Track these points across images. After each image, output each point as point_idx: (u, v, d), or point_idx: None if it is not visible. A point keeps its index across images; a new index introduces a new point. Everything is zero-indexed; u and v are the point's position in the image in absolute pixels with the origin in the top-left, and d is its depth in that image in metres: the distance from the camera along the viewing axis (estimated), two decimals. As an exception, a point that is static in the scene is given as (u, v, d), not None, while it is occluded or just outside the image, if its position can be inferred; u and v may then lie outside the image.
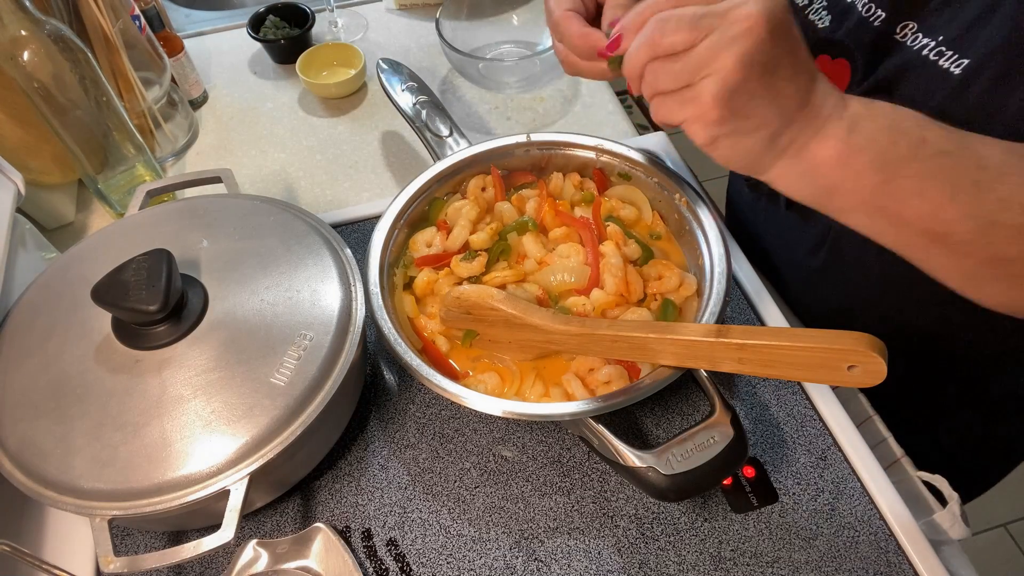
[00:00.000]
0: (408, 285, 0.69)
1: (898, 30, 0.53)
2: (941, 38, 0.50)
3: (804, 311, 0.75)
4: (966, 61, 0.48)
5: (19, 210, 0.68)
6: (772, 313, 0.72)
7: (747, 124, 0.41)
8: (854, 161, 0.41)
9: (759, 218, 0.68)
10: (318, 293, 0.58)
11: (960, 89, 0.49)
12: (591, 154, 0.74)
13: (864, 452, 0.63)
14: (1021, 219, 0.38)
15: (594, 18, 0.56)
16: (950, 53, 0.49)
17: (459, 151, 0.74)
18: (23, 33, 0.67)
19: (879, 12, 0.55)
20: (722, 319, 0.61)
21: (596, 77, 0.55)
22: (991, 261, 0.41)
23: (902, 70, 0.52)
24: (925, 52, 0.51)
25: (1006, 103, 0.47)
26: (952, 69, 0.49)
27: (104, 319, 0.55)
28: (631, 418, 0.66)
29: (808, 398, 0.67)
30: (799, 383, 0.68)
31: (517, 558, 0.58)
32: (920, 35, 0.51)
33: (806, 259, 0.74)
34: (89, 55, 0.72)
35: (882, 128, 0.41)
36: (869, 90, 0.54)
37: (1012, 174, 0.39)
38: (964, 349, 0.68)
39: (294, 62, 0.99)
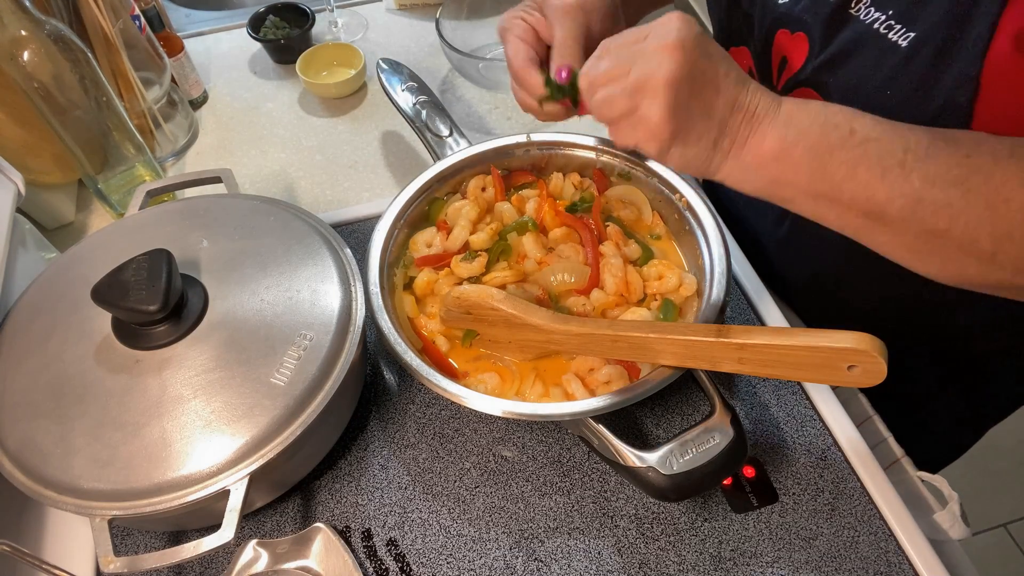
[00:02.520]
0: (408, 285, 0.69)
1: (852, 4, 0.55)
2: (891, 12, 0.52)
3: (779, 281, 0.76)
4: (912, 34, 0.51)
5: (19, 210, 0.68)
6: (772, 313, 0.72)
7: (690, 136, 0.48)
8: (790, 153, 0.46)
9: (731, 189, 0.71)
10: (318, 293, 0.58)
11: (906, 61, 0.51)
12: (591, 154, 0.74)
13: (864, 452, 0.63)
14: (944, 194, 0.42)
15: (545, 61, 0.63)
16: (898, 26, 0.52)
17: (459, 151, 0.74)
18: (23, 33, 0.67)
19: None
20: (722, 319, 0.61)
21: (550, 119, 0.63)
22: (925, 235, 0.44)
23: (855, 43, 0.54)
24: (876, 25, 0.53)
25: (946, 74, 0.49)
26: (900, 42, 0.51)
27: (104, 319, 0.55)
28: (631, 418, 0.66)
29: (808, 398, 0.67)
30: (799, 383, 0.68)
31: (517, 558, 0.58)
32: (872, 9, 0.54)
33: (773, 230, 0.77)
34: (89, 55, 0.72)
35: (814, 123, 0.45)
36: (825, 63, 0.57)
37: (936, 155, 0.43)
38: (937, 314, 0.69)
39: (294, 62, 0.99)
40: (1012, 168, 0.41)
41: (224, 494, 0.50)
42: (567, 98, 0.60)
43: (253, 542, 0.57)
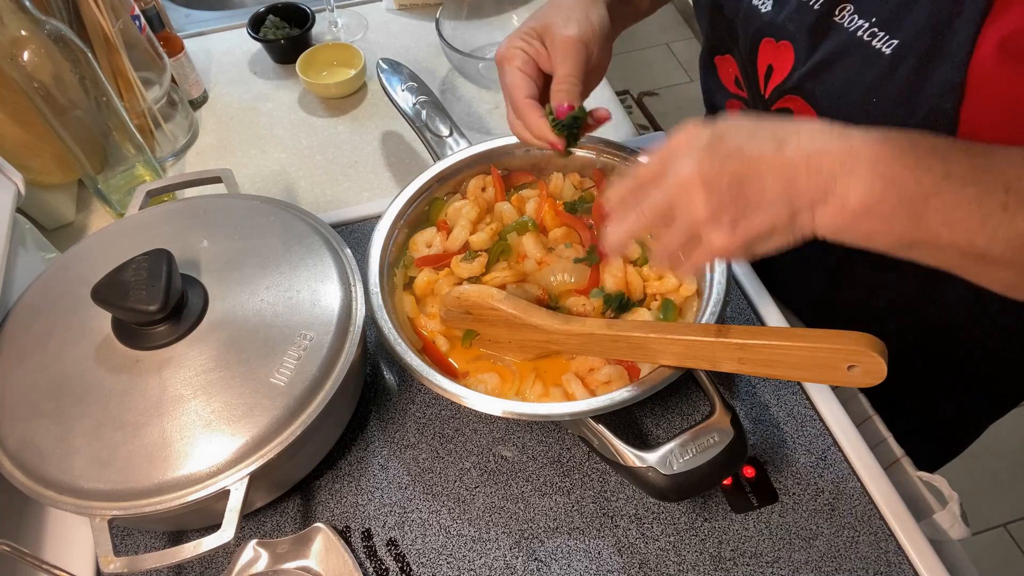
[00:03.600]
0: (408, 285, 0.69)
1: (836, 12, 0.55)
2: (874, 19, 0.52)
3: (778, 281, 0.75)
4: (896, 41, 0.50)
5: (19, 210, 0.68)
6: (772, 313, 0.72)
7: (761, 230, 0.43)
8: (881, 208, 0.41)
9: None
10: (318, 293, 0.58)
11: (890, 69, 0.51)
12: (591, 154, 0.74)
13: (864, 452, 0.63)
14: None
15: (544, 94, 0.62)
16: (882, 34, 0.51)
17: (459, 151, 0.74)
18: (23, 33, 0.67)
19: None
20: (722, 319, 0.61)
21: (544, 149, 0.62)
22: None
23: (839, 51, 0.54)
24: (860, 33, 0.53)
25: (930, 81, 0.49)
26: (883, 49, 0.51)
27: (104, 319, 0.55)
28: (631, 418, 0.66)
29: (808, 398, 0.67)
30: (799, 383, 0.68)
31: (517, 558, 0.58)
32: (856, 16, 0.53)
33: None
34: (89, 55, 0.72)
35: (905, 167, 0.41)
36: (810, 71, 0.56)
37: None
38: (936, 314, 0.68)
39: (294, 62, 0.99)
40: None
41: (224, 494, 0.50)
42: (563, 137, 0.60)
43: (253, 542, 0.57)
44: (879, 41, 0.51)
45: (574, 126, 0.60)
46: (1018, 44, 0.44)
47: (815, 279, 0.74)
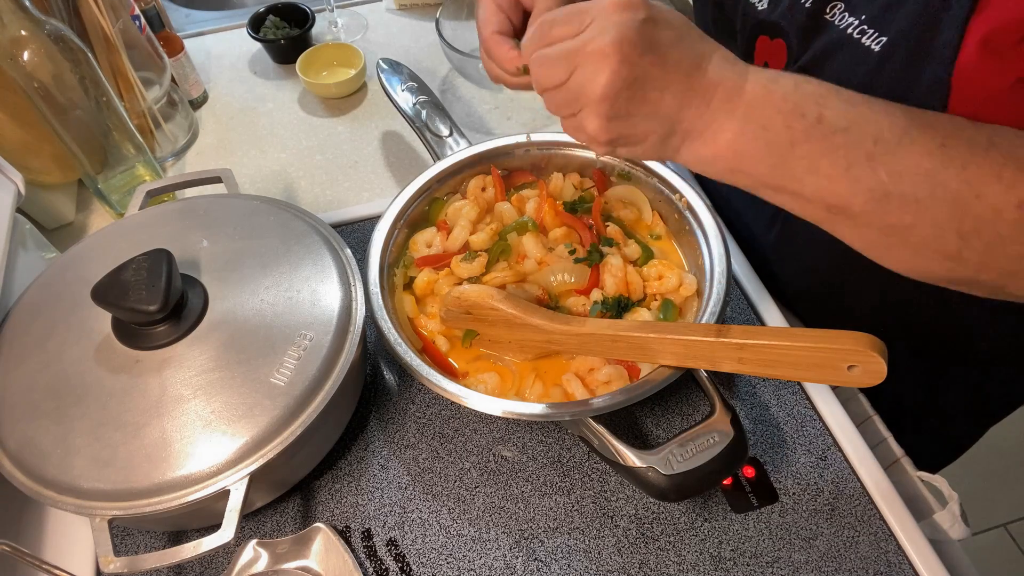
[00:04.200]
0: (408, 285, 0.69)
1: (827, 10, 0.55)
2: (864, 16, 0.52)
3: (776, 282, 0.76)
4: (884, 39, 0.50)
5: (19, 210, 0.68)
6: (772, 313, 0.72)
7: (632, 138, 0.45)
8: (747, 148, 0.43)
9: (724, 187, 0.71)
10: (318, 293, 0.58)
11: (879, 65, 0.51)
12: (591, 154, 0.74)
13: (864, 452, 0.63)
14: (913, 189, 0.40)
15: (519, 30, 0.60)
16: (871, 31, 0.51)
17: (459, 151, 0.74)
18: (23, 33, 0.67)
19: None
20: (722, 319, 0.61)
21: (521, 88, 0.59)
22: (890, 230, 0.42)
23: (830, 48, 0.54)
24: (850, 31, 0.53)
25: (918, 79, 0.49)
26: (872, 47, 0.51)
27: (104, 319, 0.55)
28: (631, 418, 0.66)
29: (808, 398, 0.67)
30: (799, 383, 0.68)
31: (517, 558, 0.58)
32: (846, 14, 0.53)
33: (766, 232, 0.76)
34: (89, 55, 0.72)
35: (778, 112, 0.42)
36: (802, 68, 0.56)
37: (908, 144, 0.40)
38: (935, 314, 0.68)
39: (294, 62, 0.99)
40: (988, 160, 0.39)
41: (224, 494, 0.50)
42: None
43: (253, 542, 0.57)
44: (868, 39, 0.51)
45: None
46: (1000, 40, 0.44)
47: (815, 279, 0.74)
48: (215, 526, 0.49)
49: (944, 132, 0.40)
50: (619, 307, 0.64)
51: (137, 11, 0.85)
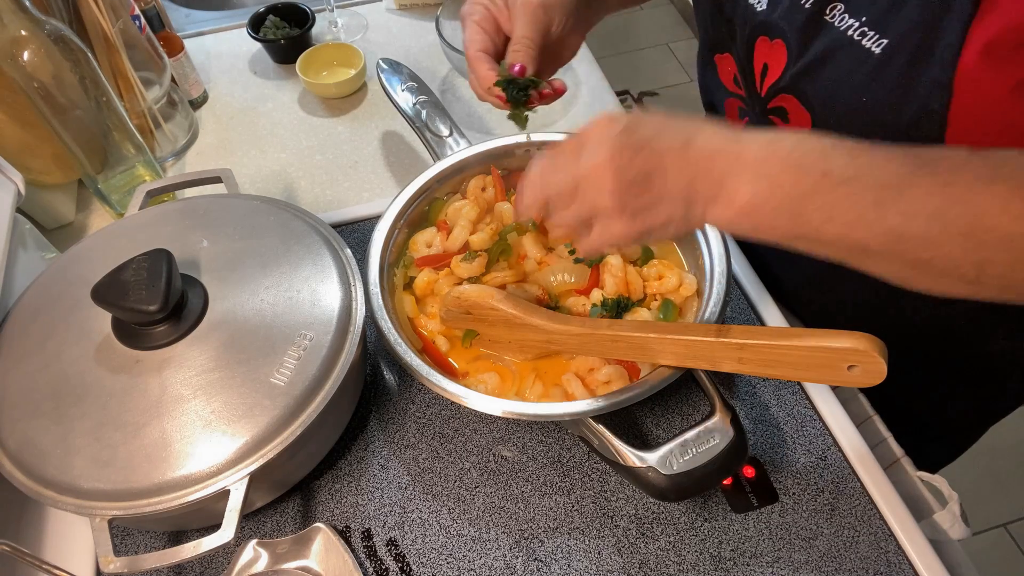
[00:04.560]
0: (408, 285, 0.69)
1: (827, 11, 0.55)
2: (864, 18, 0.52)
3: (776, 282, 0.76)
4: (885, 41, 0.51)
5: (19, 210, 0.68)
6: (772, 313, 0.72)
7: (657, 223, 0.47)
8: (764, 207, 0.44)
9: None
10: (318, 293, 0.58)
11: (880, 68, 0.51)
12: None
13: (864, 452, 0.63)
14: (924, 228, 0.41)
15: (501, 51, 0.64)
16: (872, 33, 0.52)
17: (459, 151, 0.74)
18: (23, 33, 0.67)
19: None
20: (722, 319, 0.61)
21: (495, 105, 0.63)
22: (911, 264, 0.43)
23: (830, 50, 0.54)
24: (850, 32, 0.53)
25: (919, 81, 0.49)
26: (873, 48, 0.51)
27: (104, 319, 0.55)
28: (631, 418, 0.66)
29: (808, 398, 0.67)
30: (799, 383, 0.68)
31: (517, 558, 0.58)
32: (846, 15, 0.54)
33: None
34: (89, 55, 0.72)
35: (785, 168, 0.43)
36: (802, 70, 0.57)
37: (913, 187, 0.41)
38: (934, 315, 0.69)
39: (294, 62, 0.99)
40: (992, 194, 0.40)
41: (224, 494, 0.50)
42: (514, 98, 0.62)
43: (253, 542, 0.57)
44: (869, 40, 0.52)
45: (522, 86, 0.61)
46: (1002, 44, 0.45)
47: (815, 279, 0.74)
48: (215, 526, 0.49)
49: (946, 171, 0.41)
50: (619, 307, 0.64)
51: (137, 11, 0.85)
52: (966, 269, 0.42)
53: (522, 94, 0.62)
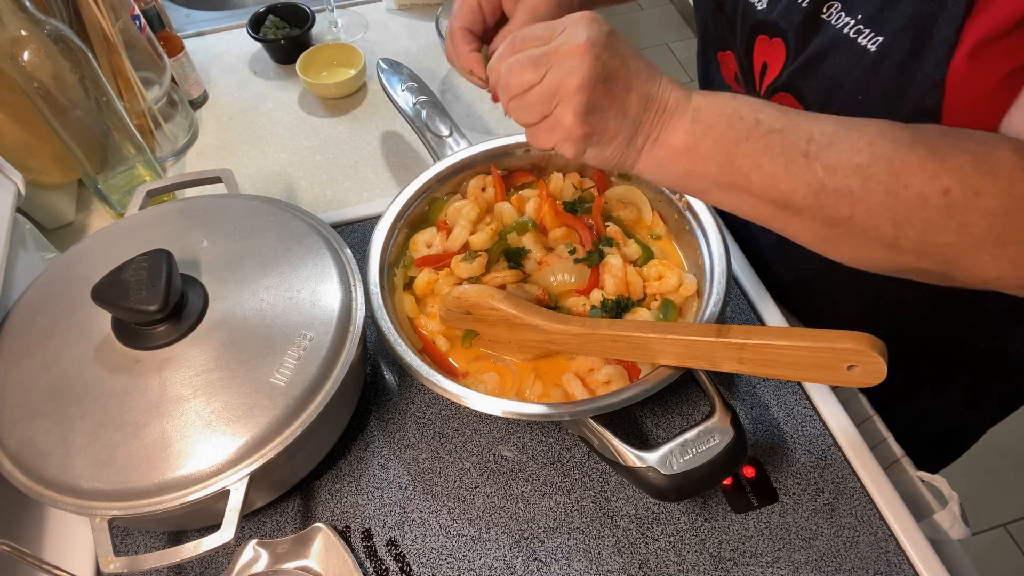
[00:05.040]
0: (408, 285, 0.69)
1: (824, 9, 0.55)
2: (860, 16, 0.53)
3: (776, 282, 0.76)
4: (881, 39, 0.51)
5: (19, 210, 0.68)
6: (772, 313, 0.72)
7: (605, 136, 0.48)
8: (698, 146, 0.46)
9: None
10: (318, 293, 0.58)
11: (875, 66, 0.51)
12: (591, 154, 0.74)
13: (864, 452, 0.63)
14: (846, 182, 0.43)
15: (491, 32, 0.62)
16: (867, 31, 0.52)
17: (459, 151, 0.74)
18: (23, 33, 0.67)
19: None
20: (722, 319, 0.61)
21: (474, 83, 0.62)
22: (830, 222, 0.45)
23: (827, 48, 0.55)
24: (846, 30, 0.53)
25: (914, 79, 0.49)
26: (869, 46, 0.52)
27: (104, 319, 0.55)
28: (631, 418, 0.66)
29: (808, 398, 0.67)
30: (799, 383, 0.68)
31: (517, 558, 0.58)
32: (843, 14, 0.54)
33: (763, 232, 0.76)
34: (89, 55, 0.72)
35: (720, 115, 0.46)
36: (800, 68, 0.57)
37: (838, 143, 0.44)
38: (933, 316, 0.69)
39: (294, 62, 0.99)
40: (913, 154, 0.42)
41: (224, 494, 0.50)
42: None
43: (253, 542, 0.57)
44: (864, 38, 0.52)
45: None
46: (993, 39, 0.45)
47: (815, 279, 0.74)
48: (215, 526, 0.49)
49: (872, 133, 0.44)
50: (619, 307, 0.64)
51: (137, 11, 0.85)
52: (884, 228, 0.43)
53: None
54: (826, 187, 0.43)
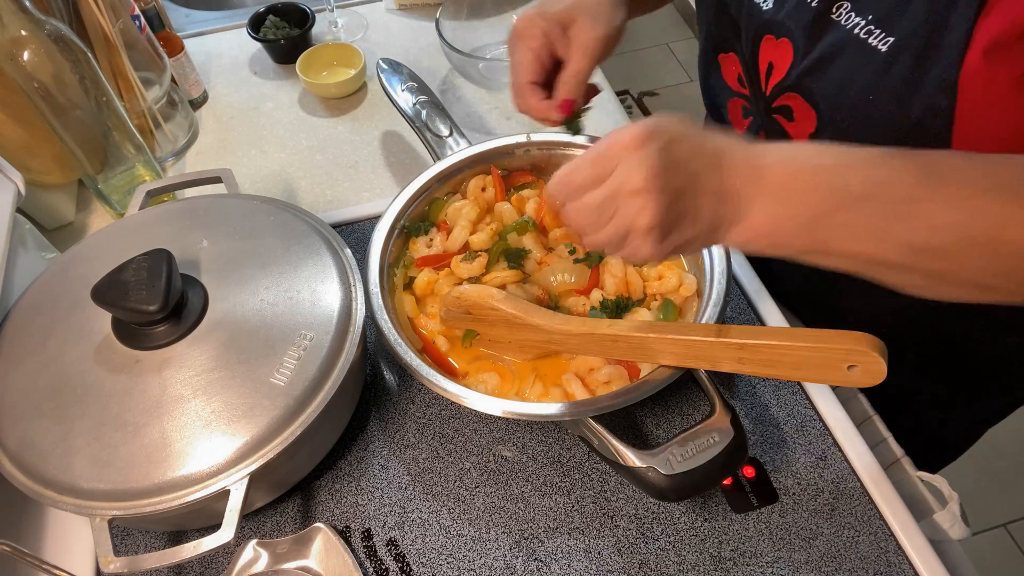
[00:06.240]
0: (408, 285, 0.69)
1: (834, 9, 0.55)
2: (870, 16, 0.52)
3: (777, 283, 0.76)
4: (892, 39, 0.51)
5: (19, 210, 0.68)
6: (772, 313, 0.72)
7: (684, 242, 0.47)
8: (785, 226, 0.45)
9: None
10: (318, 293, 0.58)
11: (886, 66, 0.51)
12: (591, 154, 0.74)
13: (864, 452, 0.63)
14: (945, 242, 0.41)
15: (551, 75, 0.64)
16: (878, 31, 0.52)
17: (459, 151, 0.74)
18: (23, 33, 0.67)
19: None
20: (722, 319, 0.61)
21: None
22: (929, 274, 0.44)
23: (836, 48, 0.54)
24: (856, 31, 0.53)
25: (925, 79, 0.49)
26: (879, 47, 0.51)
27: (104, 319, 0.55)
28: (631, 418, 0.66)
29: (808, 398, 0.67)
30: (799, 383, 0.68)
31: (517, 558, 0.58)
32: (853, 14, 0.54)
33: None
34: (89, 55, 0.72)
35: (805, 189, 0.44)
36: (808, 68, 0.57)
37: (928, 200, 0.42)
38: (934, 317, 0.69)
39: (294, 62, 0.99)
40: (1002, 203, 0.40)
41: (224, 494, 0.50)
42: (572, 126, 0.65)
43: (253, 542, 0.57)
44: (875, 39, 0.52)
45: (576, 116, 0.64)
46: (1007, 39, 0.45)
47: (815, 279, 0.74)
48: (215, 526, 0.49)
49: (969, 185, 0.42)
50: (619, 307, 0.64)
51: (137, 11, 0.85)
52: (988, 279, 0.42)
53: (576, 118, 0.64)
54: (924, 248, 0.42)
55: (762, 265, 0.77)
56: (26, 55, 0.67)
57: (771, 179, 0.44)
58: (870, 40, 0.52)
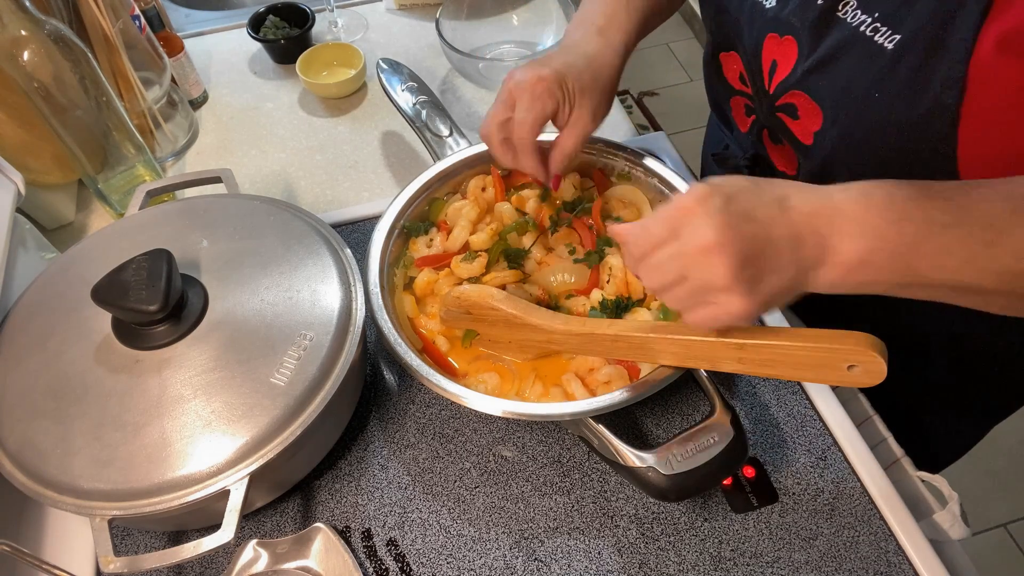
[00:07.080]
0: (408, 285, 0.69)
1: (839, 7, 0.55)
2: (877, 14, 0.52)
3: None
4: (898, 36, 0.51)
5: (19, 210, 0.68)
6: (772, 313, 0.72)
7: (774, 293, 0.45)
8: (872, 260, 0.44)
9: None
10: (318, 293, 0.58)
11: (892, 63, 0.51)
12: (592, 154, 0.74)
13: (864, 452, 0.63)
14: None
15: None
16: (884, 29, 0.52)
17: (459, 151, 0.74)
18: (23, 33, 0.67)
19: None
20: (722, 319, 0.61)
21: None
22: (1020, 297, 0.44)
23: (842, 46, 0.54)
24: (862, 28, 0.53)
25: (932, 76, 0.49)
26: (886, 44, 0.51)
27: (104, 319, 0.55)
28: (631, 418, 0.66)
29: (808, 398, 0.67)
30: (799, 383, 0.68)
31: (517, 558, 0.58)
32: (859, 11, 0.54)
33: None
34: (89, 55, 0.72)
35: (888, 223, 0.43)
36: (813, 66, 0.57)
37: (1017, 226, 0.42)
38: (935, 317, 0.69)
39: (294, 62, 0.99)
40: None
41: (224, 494, 0.50)
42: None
43: (253, 542, 0.57)
44: (881, 36, 0.52)
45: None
46: (1017, 38, 0.45)
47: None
48: (215, 526, 0.49)
49: None
50: (619, 307, 0.64)
51: (137, 11, 0.85)
52: None
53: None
54: (1017, 272, 0.42)
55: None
56: (26, 55, 0.67)
57: (851, 215, 0.44)
58: (876, 38, 0.52)
